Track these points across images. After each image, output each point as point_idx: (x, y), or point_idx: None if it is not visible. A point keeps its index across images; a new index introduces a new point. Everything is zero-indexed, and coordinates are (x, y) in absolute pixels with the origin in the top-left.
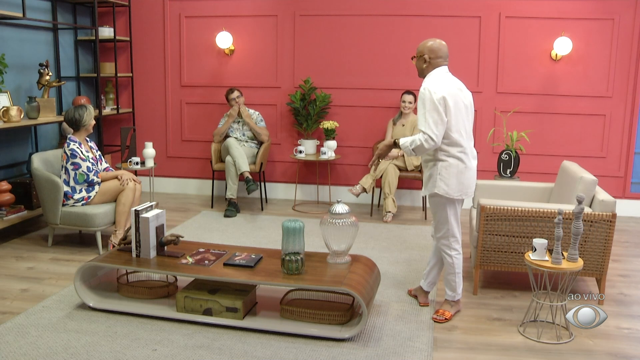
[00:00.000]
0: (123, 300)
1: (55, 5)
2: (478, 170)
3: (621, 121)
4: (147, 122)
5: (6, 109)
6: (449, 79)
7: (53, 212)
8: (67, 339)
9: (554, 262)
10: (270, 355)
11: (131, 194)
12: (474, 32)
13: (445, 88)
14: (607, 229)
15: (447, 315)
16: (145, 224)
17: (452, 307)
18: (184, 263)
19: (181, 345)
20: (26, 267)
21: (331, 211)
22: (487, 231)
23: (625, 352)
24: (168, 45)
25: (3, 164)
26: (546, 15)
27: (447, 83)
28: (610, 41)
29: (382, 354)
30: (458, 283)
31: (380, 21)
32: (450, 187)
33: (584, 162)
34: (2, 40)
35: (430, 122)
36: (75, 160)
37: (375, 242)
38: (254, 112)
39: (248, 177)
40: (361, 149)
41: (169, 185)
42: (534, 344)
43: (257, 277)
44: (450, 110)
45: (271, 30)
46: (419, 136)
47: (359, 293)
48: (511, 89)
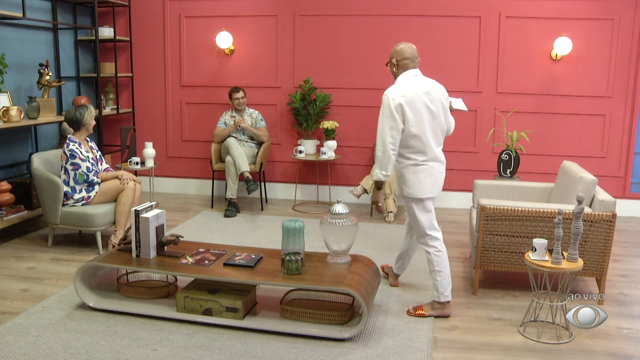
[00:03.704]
0: (123, 300)
1: (55, 5)
2: (478, 170)
3: (621, 121)
4: (147, 122)
5: (6, 109)
6: (414, 83)
7: (53, 212)
8: (67, 339)
9: (554, 262)
10: (270, 355)
11: (131, 194)
12: (474, 32)
13: (406, 94)
14: (607, 229)
15: (420, 313)
16: (145, 224)
17: (433, 309)
18: (184, 263)
19: (181, 345)
20: (26, 267)
21: (331, 211)
22: (487, 231)
23: (625, 352)
24: (168, 45)
25: (3, 164)
26: (546, 15)
27: (411, 88)
28: (610, 41)
29: (382, 354)
30: (440, 282)
31: (380, 21)
32: (412, 188)
33: (584, 162)
34: (2, 40)
35: (385, 128)
36: (74, 160)
37: (375, 242)
38: (254, 112)
39: (248, 177)
40: (361, 149)
41: (169, 185)
42: (534, 344)
43: (257, 277)
44: (407, 117)
45: (271, 30)
46: (376, 148)
47: (359, 293)
48: (511, 89)
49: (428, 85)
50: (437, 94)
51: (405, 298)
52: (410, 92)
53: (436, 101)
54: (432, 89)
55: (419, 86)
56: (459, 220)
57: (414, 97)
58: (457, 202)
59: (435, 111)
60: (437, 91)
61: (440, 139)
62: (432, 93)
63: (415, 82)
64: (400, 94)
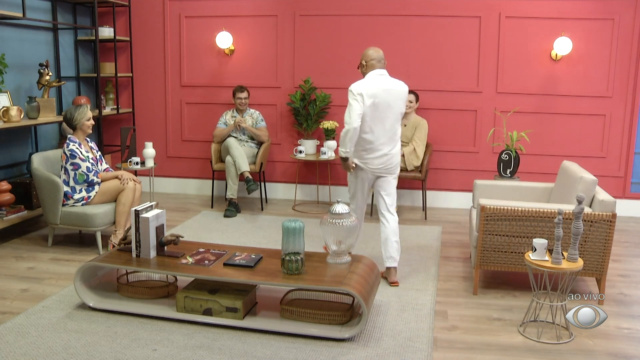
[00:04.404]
0: (123, 300)
1: (55, 5)
2: (477, 170)
3: (621, 121)
4: (147, 122)
5: (6, 109)
6: (376, 80)
7: (53, 212)
8: (67, 339)
9: (554, 262)
10: (270, 355)
11: (131, 194)
12: (474, 32)
13: (367, 88)
14: (607, 229)
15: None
16: (145, 224)
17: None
18: (184, 263)
19: (181, 345)
20: (26, 267)
21: (331, 211)
22: (487, 231)
23: (625, 352)
24: (168, 45)
25: (3, 164)
26: (546, 15)
27: (372, 84)
28: (610, 41)
29: (382, 354)
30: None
31: (380, 21)
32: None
33: (584, 162)
34: (2, 40)
35: (350, 111)
36: (74, 160)
37: (375, 242)
38: (254, 112)
39: (248, 177)
40: None
41: (169, 185)
42: (534, 344)
43: (257, 277)
44: (366, 106)
45: (271, 30)
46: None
47: (359, 293)
48: (511, 89)
49: (390, 83)
50: (397, 92)
51: (405, 298)
52: (372, 86)
53: (394, 96)
54: (392, 87)
55: (381, 83)
56: (459, 220)
57: (375, 91)
58: (457, 202)
59: (393, 105)
60: (398, 89)
61: (395, 128)
62: (393, 91)
63: (379, 79)
64: (363, 87)
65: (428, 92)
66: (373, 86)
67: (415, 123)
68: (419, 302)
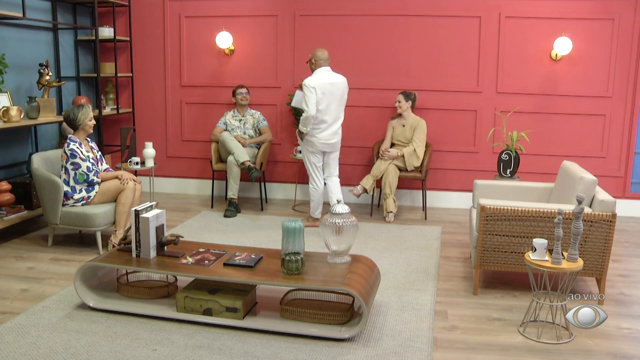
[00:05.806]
0: (123, 300)
1: (55, 5)
2: (477, 170)
3: (621, 121)
4: (147, 122)
5: (6, 109)
6: (324, 76)
7: (53, 212)
8: (67, 339)
9: (554, 262)
10: (270, 355)
11: (131, 194)
12: (474, 32)
13: (317, 82)
14: (607, 229)
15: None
16: (145, 224)
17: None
18: (184, 263)
19: (181, 345)
20: (26, 267)
21: (331, 211)
22: (487, 231)
23: (625, 352)
24: (168, 45)
25: (3, 164)
26: (546, 15)
27: (321, 79)
28: (610, 41)
29: (382, 354)
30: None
31: (380, 21)
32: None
33: (584, 162)
34: (2, 40)
35: (307, 101)
36: (75, 160)
37: (375, 242)
38: (256, 112)
39: (250, 165)
40: (361, 149)
41: (169, 185)
42: (534, 344)
43: (257, 277)
44: (318, 96)
45: (271, 30)
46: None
47: (359, 293)
48: (511, 89)
49: (334, 77)
50: (339, 84)
51: (405, 298)
52: (321, 81)
53: (339, 90)
54: (336, 80)
55: (327, 78)
56: (459, 220)
57: (323, 84)
58: (457, 202)
59: (336, 94)
60: (339, 82)
61: (340, 113)
62: (337, 84)
63: (325, 75)
64: (314, 81)
65: (428, 92)
66: (321, 80)
67: (414, 123)
68: (419, 302)
